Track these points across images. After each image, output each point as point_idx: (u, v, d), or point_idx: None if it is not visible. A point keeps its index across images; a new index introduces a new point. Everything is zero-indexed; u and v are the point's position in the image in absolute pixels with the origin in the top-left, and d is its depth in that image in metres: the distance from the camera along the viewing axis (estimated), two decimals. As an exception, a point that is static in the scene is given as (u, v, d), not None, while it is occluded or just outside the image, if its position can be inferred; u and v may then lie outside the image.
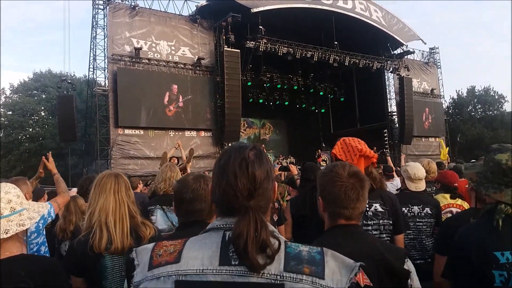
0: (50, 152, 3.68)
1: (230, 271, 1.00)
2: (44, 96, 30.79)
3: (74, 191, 5.52)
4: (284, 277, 0.99)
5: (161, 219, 3.26)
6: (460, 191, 3.74)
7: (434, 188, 4.19)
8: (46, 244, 3.00)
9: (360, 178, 1.70)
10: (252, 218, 1.01)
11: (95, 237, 2.08)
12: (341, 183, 1.66)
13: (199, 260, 1.02)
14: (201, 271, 1.01)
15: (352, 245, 1.57)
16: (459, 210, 3.48)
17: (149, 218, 3.11)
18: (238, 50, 17.32)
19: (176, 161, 9.57)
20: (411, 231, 3.29)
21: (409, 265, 1.60)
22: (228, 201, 1.07)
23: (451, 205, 3.53)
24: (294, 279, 0.98)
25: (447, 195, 3.60)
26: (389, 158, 10.35)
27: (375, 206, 2.76)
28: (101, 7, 16.54)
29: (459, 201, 3.58)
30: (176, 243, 1.10)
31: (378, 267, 1.55)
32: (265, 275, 0.99)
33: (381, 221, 2.73)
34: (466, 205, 3.52)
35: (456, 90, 39.24)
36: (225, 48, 17.07)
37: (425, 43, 24.44)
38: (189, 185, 2.05)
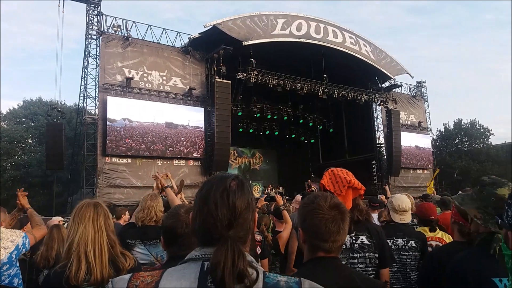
0: (22, 188, 3.58)
1: None
2: (32, 124, 30.60)
3: (55, 219, 5.44)
4: None
5: (142, 253, 3.19)
6: (445, 224, 3.73)
7: (415, 220, 4.21)
8: (20, 276, 2.89)
9: (341, 210, 1.69)
10: (230, 248, 1.02)
11: (72, 268, 2.03)
12: (322, 215, 1.64)
13: None
14: None
15: (329, 278, 1.55)
16: (439, 244, 3.46)
17: (129, 251, 3.04)
18: (229, 81, 17.55)
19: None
20: (395, 264, 3.26)
21: None
22: (207, 230, 1.08)
23: (430, 238, 3.52)
24: None
25: (426, 228, 3.60)
26: (387, 187, 10.32)
27: (362, 239, 2.74)
28: (94, 37, 16.78)
29: (439, 234, 3.57)
30: (153, 273, 1.10)
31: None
32: None
33: (367, 254, 2.70)
34: (447, 238, 3.51)
35: (443, 123, 40.04)
36: (216, 79, 17.28)
37: (412, 77, 25.04)
38: (181, 219, 1.98)
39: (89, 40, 16.80)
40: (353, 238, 2.71)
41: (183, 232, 1.94)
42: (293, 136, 26.33)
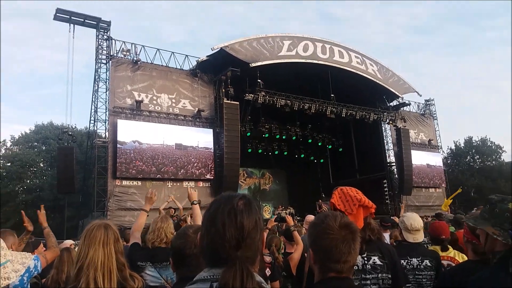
0: (43, 205, 3.62)
1: None
2: (44, 148, 30.98)
3: (67, 243, 5.44)
4: None
5: (152, 276, 3.15)
6: (460, 243, 3.66)
7: (426, 239, 4.14)
8: (31, 299, 2.89)
9: (352, 230, 1.64)
10: (238, 268, 1.01)
11: None
12: (333, 236, 1.60)
13: None
14: None
15: None
16: (451, 263, 3.39)
17: (139, 274, 3.01)
18: (237, 102, 17.67)
19: (173, 211, 9.55)
20: (411, 285, 3.17)
21: None
22: (215, 250, 1.08)
23: (442, 257, 3.43)
24: None
25: (438, 247, 3.53)
26: (402, 206, 10.37)
27: (374, 259, 2.68)
28: (104, 61, 17.13)
29: (451, 253, 3.50)
30: None
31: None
32: None
33: (379, 275, 2.64)
34: (460, 257, 3.43)
35: (454, 141, 39.69)
36: (224, 101, 17.42)
37: (420, 95, 24.97)
38: (190, 240, 1.96)
39: (99, 65, 17.17)
40: (365, 258, 2.66)
41: (192, 252, 1.91)
42: (302, 156, 26.23)
